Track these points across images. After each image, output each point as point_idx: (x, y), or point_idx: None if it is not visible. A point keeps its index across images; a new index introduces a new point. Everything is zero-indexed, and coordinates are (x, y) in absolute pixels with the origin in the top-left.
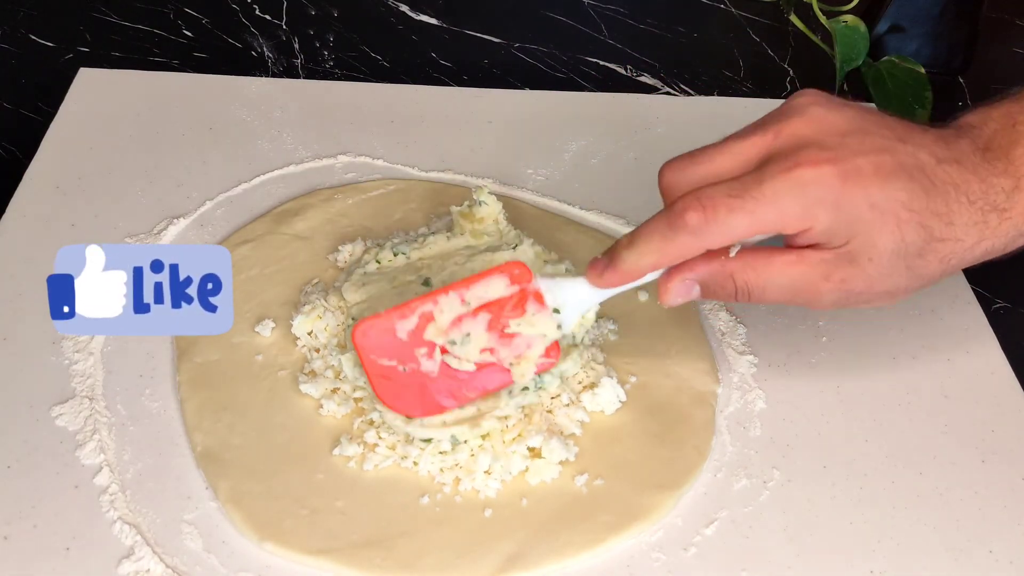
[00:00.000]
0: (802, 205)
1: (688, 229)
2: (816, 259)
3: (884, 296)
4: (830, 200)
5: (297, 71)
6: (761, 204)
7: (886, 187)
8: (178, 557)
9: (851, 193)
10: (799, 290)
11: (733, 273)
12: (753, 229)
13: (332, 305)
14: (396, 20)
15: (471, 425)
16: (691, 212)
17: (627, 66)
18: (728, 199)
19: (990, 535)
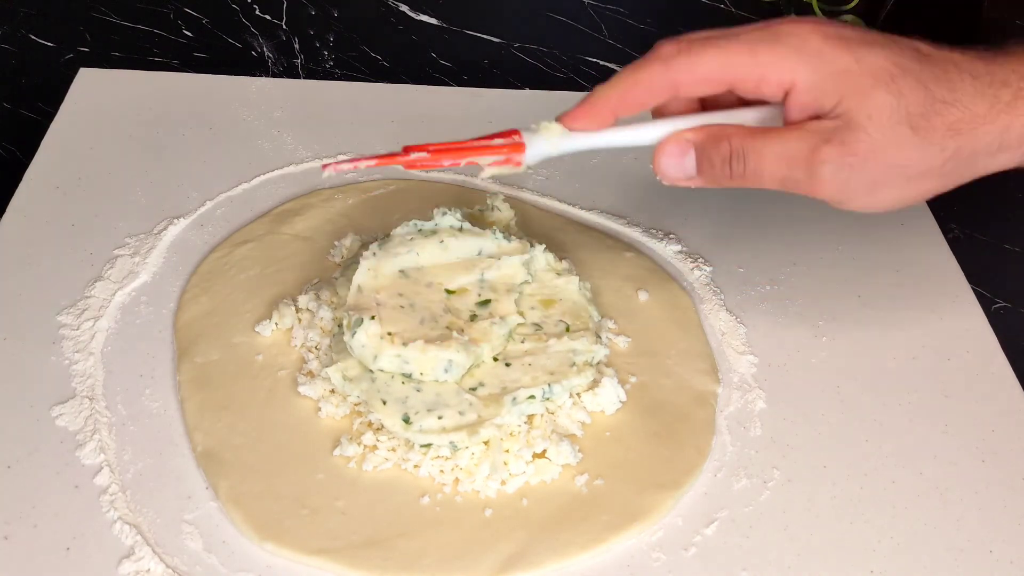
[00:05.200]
0: (779, 54)
1: (660, 57)
2: (815, 125)
3: (894, 174)
4: (811, 50)
5: (297, 71)
6: (735, 44)
7: (873, 48)
8: (178, 557)
9: (834, 48)
10: (796, 158)
11: (731, 135)
12: (725, 68)
13: (325, 299)
14: (396, 20)
15: (469, 432)
16: (666, 44)
17: None
18: (703, 38)
19: (990, 535)
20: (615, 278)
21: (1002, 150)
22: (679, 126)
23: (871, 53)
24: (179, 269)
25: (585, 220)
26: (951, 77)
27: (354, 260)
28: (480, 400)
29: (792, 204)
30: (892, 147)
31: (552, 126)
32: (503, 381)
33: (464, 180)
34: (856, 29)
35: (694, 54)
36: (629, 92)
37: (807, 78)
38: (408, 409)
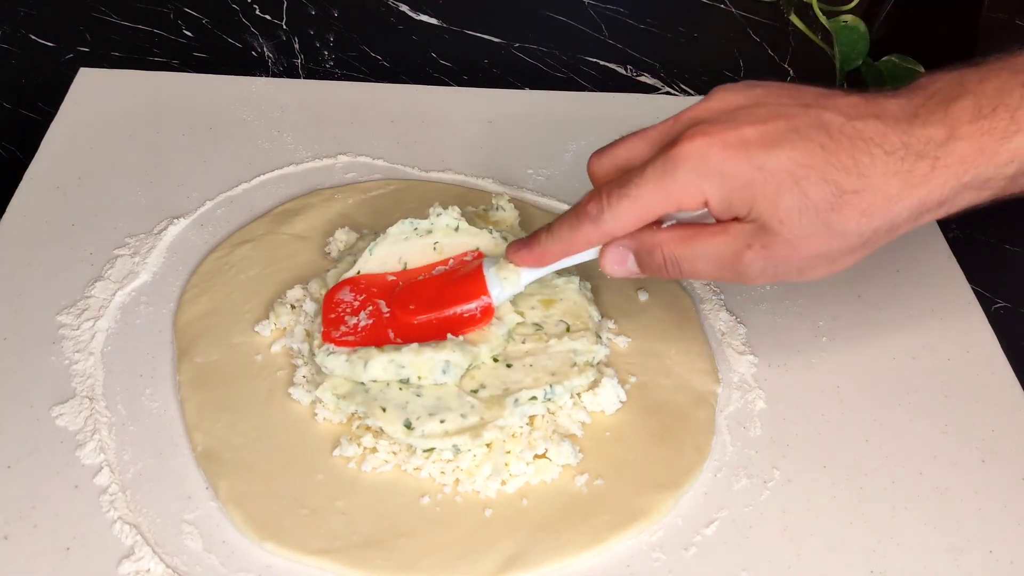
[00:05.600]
0: (683, 181)
1: (589, 218)
2: (737, 229)
3: (817, 262)
4: (710, 170)
5: (297, 71)
6: (643, 189)
7: (773, 151)
8: (178, 557)
9: (733, 160)
10: (725, 261)
11: (661, 244)
12: (644, 213)
13: (314, 293)
14: (396, 20)
15: (472, 435)
16: (591, 203)
17: (627, 66)
18: (618, 189)
19: (990, 535)
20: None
21: (923, 215)
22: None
23: (772, 157)
24: (179, 269)
25: None
26: (859, 160)
27: (348, 253)
28: (482, 402)
29: None
30: (808, 242)
31: (509, 273)
32: (505, 382)
33: (464, 180)
34: (761, 116)
35: (614, 209)
36: (571, 247)
37: (716, 196)
38: (409, 414)
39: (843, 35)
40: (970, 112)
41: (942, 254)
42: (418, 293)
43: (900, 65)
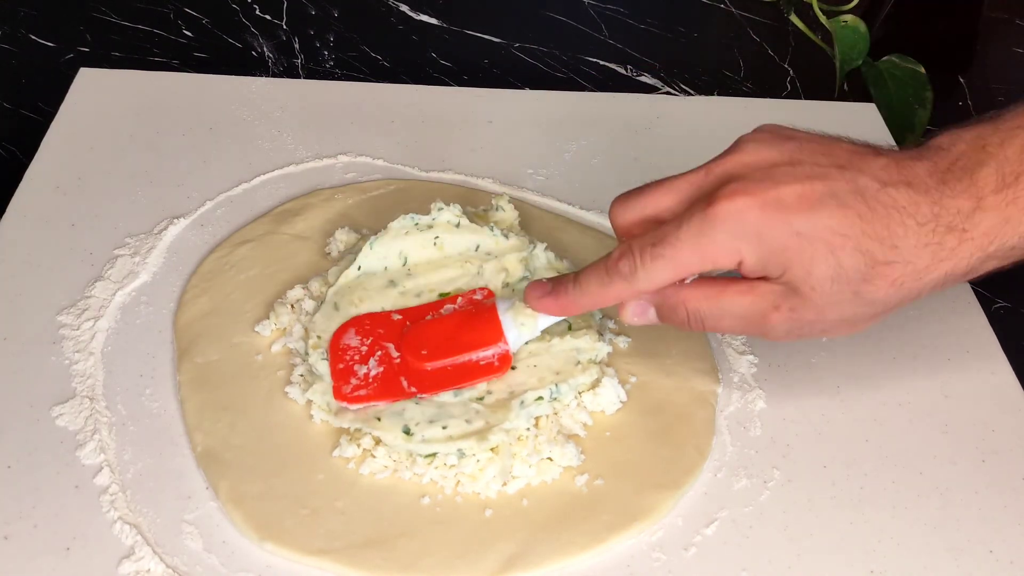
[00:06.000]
0: (720, 243)
1: (621, 276)
2: (765, 289)
3: (840, 325)
4: (749, 232)
5: (297, 71)
6: (679, 250)
7: (812, 216)
8: (178, 557)
9: (772, 223)
10: (751, 320)
11: (685, 301)
12: (679, 272)
13: (314, 291)
14: (396, 20)
15: (478, 439)
16: (623, 260)
17: (627, 66)
18: (651, 248)
19: (990, 535)
20: None
21: (948, 283)
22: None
23: (809, 222)
24: (179, 269)
25: (585, 220)
26: (894, 231)
27: (349, 252)
28: (487, 408)
29: None
30: (836, 308)
31: (527, 318)
32: (510, 385)
33: (464, 180)
34: (800, 176)
35: (648, 269)
36: (598, 301)
37: (751, 257)
38: (407, 420)
39: (843, 35)
40: (994, 182)
41: None
42: (429, 336)
43: (900, 65)
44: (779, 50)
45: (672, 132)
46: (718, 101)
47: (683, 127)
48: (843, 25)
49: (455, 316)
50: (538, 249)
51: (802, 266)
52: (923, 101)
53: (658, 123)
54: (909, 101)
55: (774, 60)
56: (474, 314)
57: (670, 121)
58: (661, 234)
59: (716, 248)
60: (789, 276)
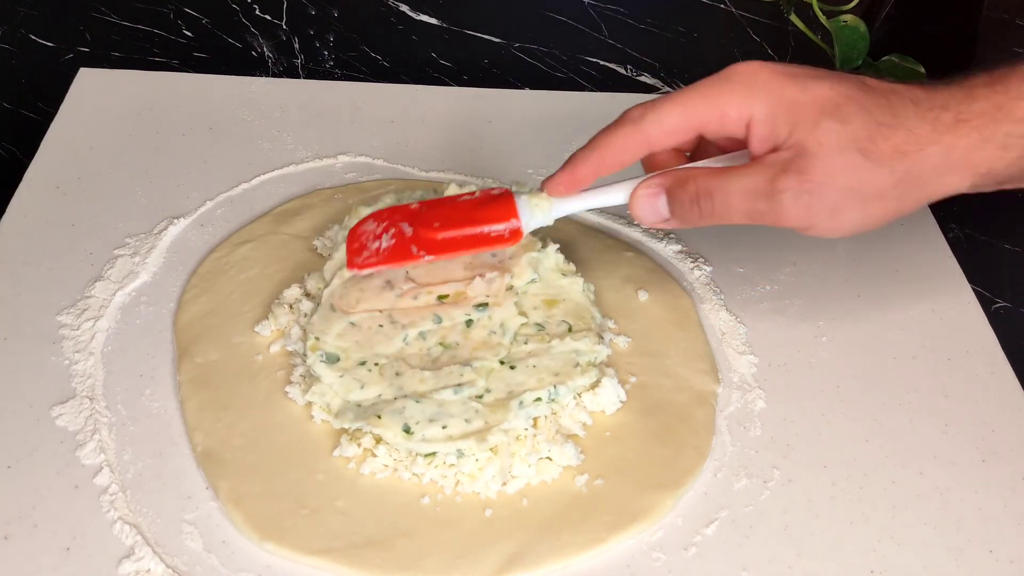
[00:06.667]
0: (733, 92)
1: (630, 120)
2: (772, 157)
3: (850, 197)
4: (761, 86)
5: (297, 71)
6: (692, 94)
7: (818, 80)
8: (178, 557)
9: (782, 82)
10: (760, 191)
11: (695, 176)
12: (688, 117)
13: (312, 289)
14: (396, 20)
15: (478, 439)
16: (635, 108)
17: (627, 66)
18: (663, 97)
19: (990, 535)
20: (615, 278)
21: (949, 171)
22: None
23: (816, 85)
24: (179, 269)
25: (585, 220)
26: (893, 103)
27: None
28: (486, 407)
29: None
30: (844, 170)
31: (541, 200)
32: (509, 385)
33: (464, 180)
34: (803, 67)
35: (659, 110)
36: (606, 154)
37: (761, 109)
38: (407, 419)
39: (843, 35)
40: (984, 80)
41: (942, 254)
42: (442, 213)
43: (900, 65)
44: (779, 50)
45: None
46: None
47: None
48: (843, 25)
49: (471, 201)
50: (549, 249)
51: (810, 120)
52: None
53: None
54: None
55: (774, 60)
56: (489, 199)
57: None
58: (678, 90)
59: (727, 98)
60: (796, 135)
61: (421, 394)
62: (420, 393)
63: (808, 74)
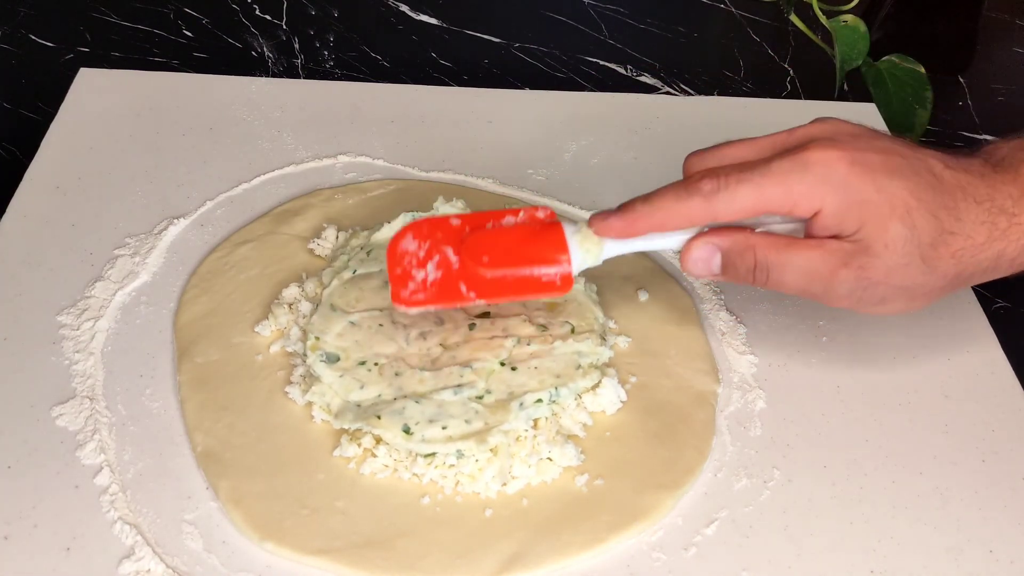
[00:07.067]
0: (808, 183)
1: (701, 193)
2: (835, 246)
3: (901, 293)
4: (837, 180)
5: (297, 71)
6: (767, 179)
7: (892, 177)
8: (178, 557)
9: (858, 177)
10: (816, 274)
11: (756, 245)
12: (760, 201)
13: (309, 292)
14: (396, 20)
15: (477, 440)
16: (706, 180)
17: (627, 66)
18: (738, 172)
19: (990, 535)
20: (615, 278)
21: (995, 271)
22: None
23: (891, 183)
24: (179, 269)
25: (585, 220)
26: (958, 206)
27: (342, 252)
28: (486, 408)
29: None
30: (902, 272)
31: (592, 244)
32: (510, 386)
33: (464, 180)
34: (878, 148)
35: (732, 190)
36: (668, 218)
37: (832, 203)
38: (407, 419)
39: (843, 35)
40: None
41: None
42: (491, 243)
43: (900, 65)
44: (779, 50)
45: (672, 132)
46: (718, 101)
47: (683, 127)
48: (843, 25)
49: (518, 229)
50: None
51: (879, 221)
52: (923, 101)
53: (658, 123)
54: (909, 101)
55: (774, 60)
56: (538, 231)
57: (670, 121)
58: (750, 164)
59: (802, 188)
60: (864, 232)
61: (421, 394)
62: (420, 393)
63: (884, 166)
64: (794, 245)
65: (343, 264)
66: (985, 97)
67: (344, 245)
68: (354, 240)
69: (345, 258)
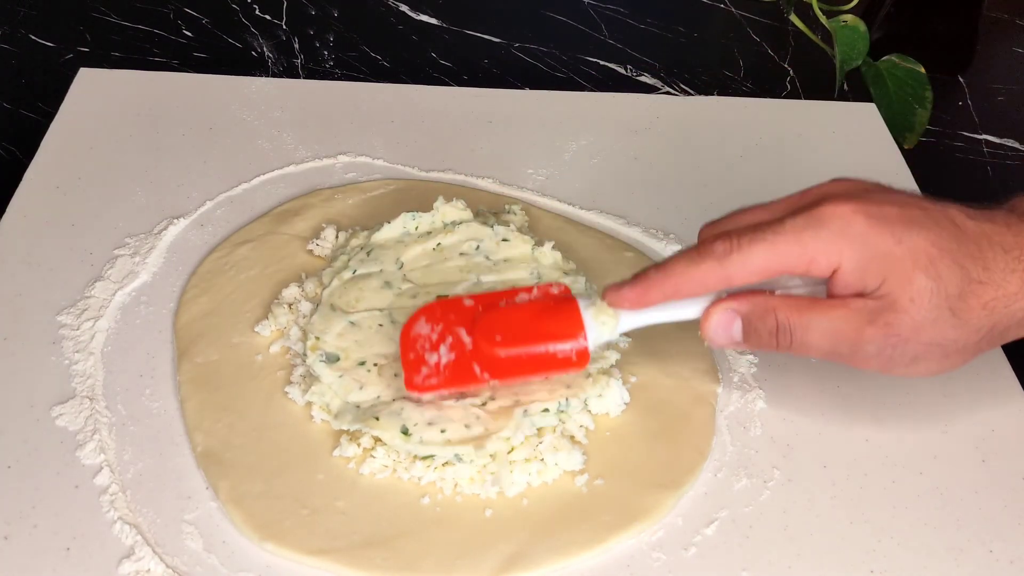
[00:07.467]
0: (824, 239)
1: (714, 255)
2: (859, 304)
3: (934, 350)
4: (855, 235)
5: (297, 71)
6: (781, 236)
7: (912, 228)
8: (178, 557)
9: (877, 230)
10: (842, 335)
11: (776, 308)
12: (775, 261)
13: (309, 293)
14: (396, 20)
15: (476, 446)
16: (719, 242)
17: (627, 66)
18: (751, 232)
19: (990, 535)
20: (615, 278)
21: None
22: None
23: (911, 234)
24: (179, 269)
25: (585, 220)
26: (985, 254)
27: (341, 252)
28: (488, 414)
29: None
30: (932, 327)
31: (608, 317)
32: (517, 393)
33: (464, 180)
34: (895, 201)
35: (745, 251)
36: (683, 284)
37: (851, 259)
38: (405, 420)
39: (843, 35)
40: None
41: None
42: (503, 322)
43: (900, 65)
44: (779, 50)
45: (672, 132)
46: (718, 101)
47: (683, 127)
48: (843, 25)
49: (532, 306)
50: (546, 247)
51: (903, 274)
52: (923, 101)
53: (658, 123)
54: (909, 101)
55: (774, 60)
56: (552, 307)
57: (670, 121)
58: (763, 224)
59: (818, 244)
60: (887, 288)
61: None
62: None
63: (902, 218)
64: (816, 305)
65: (343, 264)
66: (985, 97)
67: (344, 245)
68: (354, 240)
69: (345, 258)
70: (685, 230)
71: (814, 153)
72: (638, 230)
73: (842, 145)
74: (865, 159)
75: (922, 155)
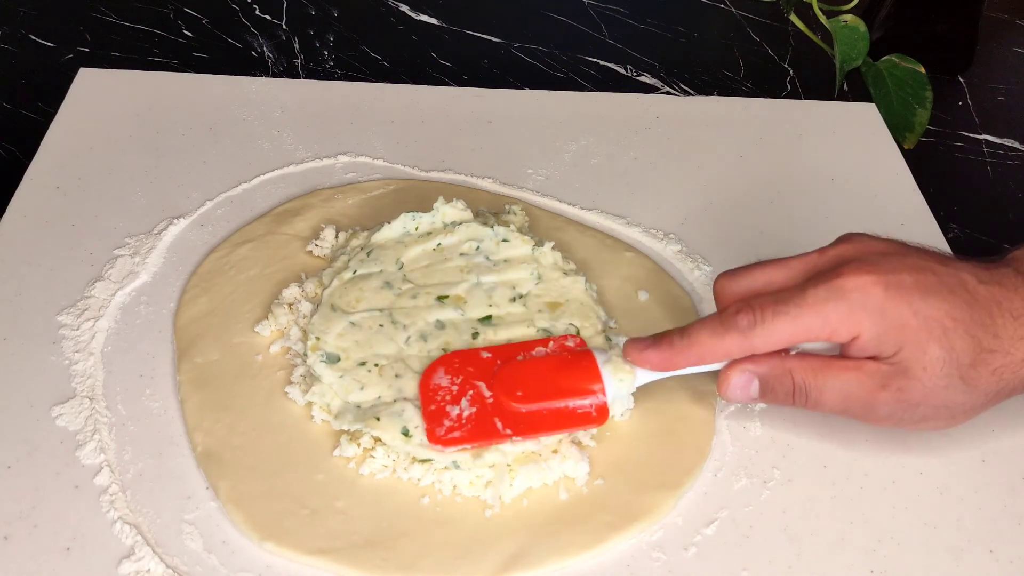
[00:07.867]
0: (845, 311)
1: (738, 329)
2: (873, 368)
3: (942, 412)
4: (874, 307)
5: (297, 71)
6: (804, 310)
7: (928, 298)
8: (178, 557)
9: (894, 301)
10: (855, 397)
11: (792, 370)
12: (798, 333)
13: (309, 293)
14: (396, 20)
15: (473, 455)
16: (742, 314)
17: (627, 66)
18: (774, 305)
19: (990, 535)
20: (615, 278)
21: None
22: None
23: (927, 305)
24: (179, 269)
25: (585, 220)
26: (995, 322)
27: (341, 252)
28: None
29: (792, 206)
30: (942, 393)
31: (626, 374)
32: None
33: (464, 180)
34: (910, 267)
35: (769, 325)
36: (707, 354)
37: (870, 329)
38: (406, 422)
39: (843, 35)
40: None
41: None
42: (523, 376)
43: (900, 65)
44: (779, 50)
45: (672, 132)
46: (718, 101)
47: (683, 127)
48: (843, 25)
49: (550, 360)
50: (546, 247)
51: (918, 345)
52: (923, 101)
53: (658, 123)
54: (909, 101)
55: (774, 60)
56: (570, 361)
57: (670, 121)
58: (785, 295)
59: (839, 316)
60: (902, 355)
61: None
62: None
63: (918, 286)
64: (831, 367)
65: (343, 264)
66: (985, 97)
67: (344, 245)
68: (354, 240)
69: (345, 258)
70: (685, 230)
71: (814, 153)
72: (638, 230)
73: (842, 145)
74: (865, 159)
75: (922, 155)
